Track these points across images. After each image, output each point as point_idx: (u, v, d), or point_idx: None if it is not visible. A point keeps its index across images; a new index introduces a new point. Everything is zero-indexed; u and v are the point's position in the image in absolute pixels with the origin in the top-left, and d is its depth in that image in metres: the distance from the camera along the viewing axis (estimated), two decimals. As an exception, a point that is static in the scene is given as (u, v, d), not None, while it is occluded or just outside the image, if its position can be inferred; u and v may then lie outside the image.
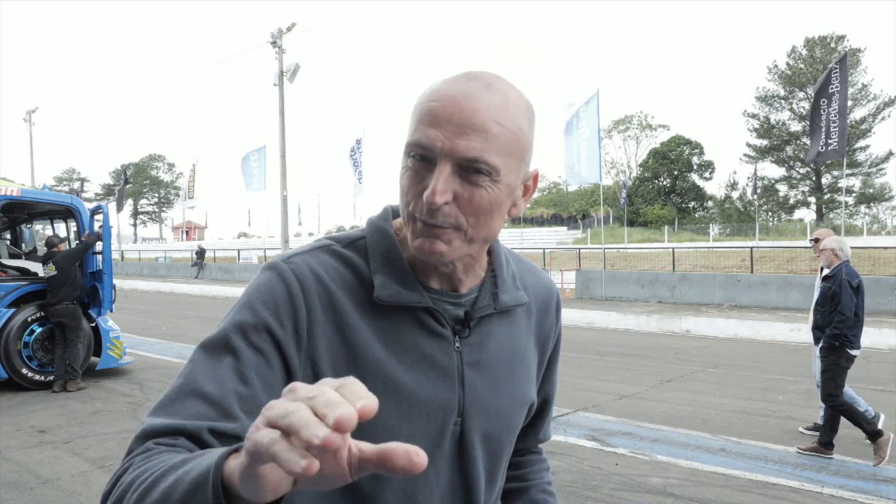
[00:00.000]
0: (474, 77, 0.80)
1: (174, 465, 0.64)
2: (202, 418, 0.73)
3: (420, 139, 0.77)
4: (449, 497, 0.92)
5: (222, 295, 23.16)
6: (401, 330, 0.86)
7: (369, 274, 0.87)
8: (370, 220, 0.93)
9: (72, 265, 7.58)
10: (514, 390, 0.95)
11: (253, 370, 0.77)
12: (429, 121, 0.77)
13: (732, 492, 4.29)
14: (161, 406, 0.76)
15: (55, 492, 4.31)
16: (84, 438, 5.53)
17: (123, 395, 7.23)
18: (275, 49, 22.57)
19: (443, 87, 0.79)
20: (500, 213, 0.82)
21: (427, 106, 0.78)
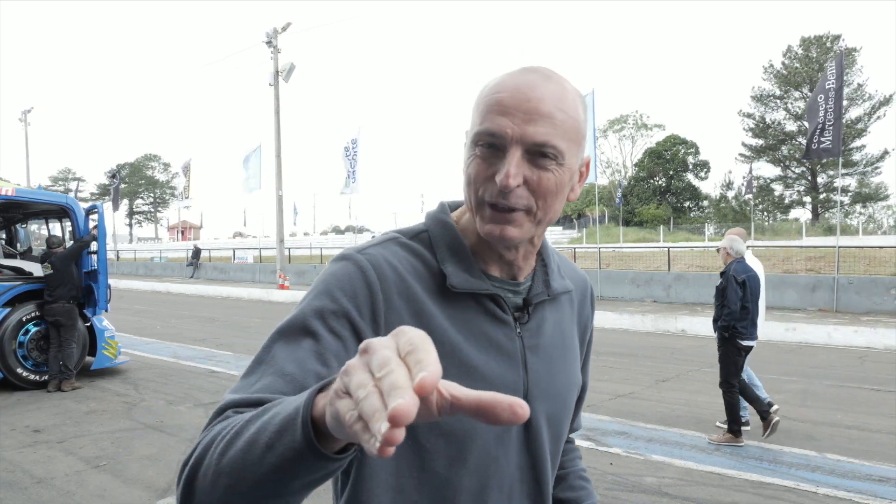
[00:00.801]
0: (533, 70, 0.85)
1: (256, 414, 0.64)
2: (282, 394, 0.74)
3: (490, 127, 0.81)
4: (518, 480, 0.94)
5: (218, 294, 23.11)
6: (468, 316, 0.90)
7: (436, 264, 0.91)
8: (430, 213, 0.98)
9: (68, 265, 7.56)
10: (568, 374, 1.01)
11: (332, 353, 0.79)
12: (497, 110, 0.82)
13: (727, 491, 4.31)
14: (241, 385, 0.77)
15: (49, 491, 4.29)
16: (79, 438, 5.52)
17: (118, 394, 7.21)
18: (270, 49, 22.51)
19: (506, 80, 0.84)
20: (563, 196, 0.87)
21: (494, 97, 0.83)
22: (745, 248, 5.50)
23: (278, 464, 0.59)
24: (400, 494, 0.87)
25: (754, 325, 5.37)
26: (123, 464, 4.85)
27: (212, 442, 0.66)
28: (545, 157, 0.82)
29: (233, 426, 0.66)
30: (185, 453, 0.71)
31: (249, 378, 0.78)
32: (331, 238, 60.13)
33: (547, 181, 0.83)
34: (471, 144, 0.85)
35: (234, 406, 0.73)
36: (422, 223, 0.97)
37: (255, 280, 29.31)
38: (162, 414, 6.35)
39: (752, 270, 5.39)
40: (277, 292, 21.70)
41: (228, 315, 16.33)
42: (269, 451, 0.59)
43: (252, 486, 0.62)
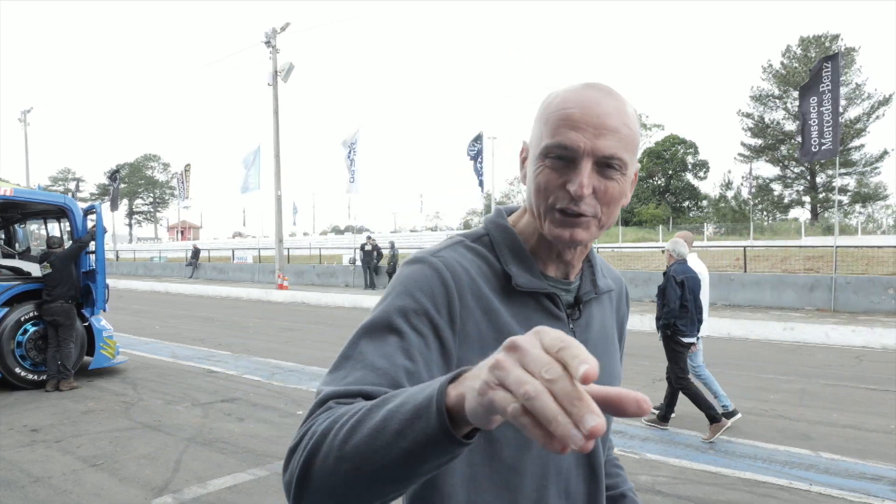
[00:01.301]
0: (594, 87, 0.92)
1: (376, 404, 0.67)
2: (375, 386, 0.78)
3: (563, 141, 0.88)
4: (574, 465, 1.01)
5: (217, 294, 23.12)
6: (528, 314, 0.97)
7: (499, 265, 0.98)
8: (489, 219, 1.06)
9: (67, 265, 7.58)
10: (613, 367, 1.08)
11: (416, 349, 0.84)
12: (569, 125, 0.88)
13: (721, 490, 4.33)
14: (333, 378, 0.81)
15: (46, 490, 4.31)
16: (76, 437, 5.53)
17: (116, 394, 7.23)
18: (269, 49, 22.52)
19: (572, 96, 0.91)
20: (621, 203, 0.95)
21: (564, 112, 0.89)
22: (686, 250, 5.82)
23: (410, 449, 0.62)
24: (473, 482, 0.92)
25: (693, 323, 5.65)
26: (121, 463, 4.87)
27: (329, 429, 0.69)
28: (611, 168, 0.89)
29: (350, 415, 0.68)
30: (293, 440, 0.72)
31: (339, 372, 0.82)
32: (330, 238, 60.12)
33: (612, 190, 0.90)
34: (540, 156, 0.91)
35: (334, 397, 0.76)
36: (481, 227, 1.05)
37: (255, 280, 29.32)
38: (160, 413, 6.37)
39: (692, 271, 5.70)
40: (276, 292, 21.71)
41: (227, 315, 16.35)
42: (400, 438, 0.63)
43: (377, 469, 0.65)
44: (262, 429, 5.81)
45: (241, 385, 7.71)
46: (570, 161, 0.88)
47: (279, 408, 6.58)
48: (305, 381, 7.96)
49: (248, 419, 6.15)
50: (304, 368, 8.80)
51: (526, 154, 1.00)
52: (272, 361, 9.33)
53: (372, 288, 23.29)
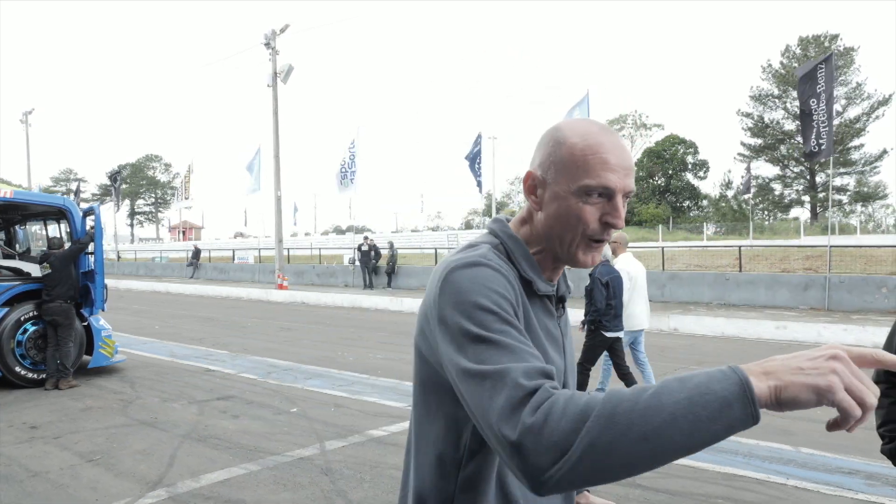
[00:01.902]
0: (608, 130, 1.08)
1: (660, 391, 0.80)
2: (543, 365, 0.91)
3: (605, 183, 1.04)
4: None
5: (217, 294, 23.25)
6: (537, 313, 1.12)
7: (517, 271, 1.10)
8: (500, 230, 1.16)
9: (66, 265, 7.71)
10: (573, 354, 1.28)
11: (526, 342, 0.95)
12: (607, 168, 1.04)
13: (700, 483, 4.44)
14: (514, 359, 0.90)
15: (44, 484, 4.44)
16: (74, 434, 5.66)
17: (114, 392, 7.36)
18: (268, 50, 22.65)
19: (600, 139, 1.06)
20: None
21: (601, 157, 1.04)
22: (611, 252, 6.42)
23: (718, 430, 0.77)
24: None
25: (617, 318, 6.18)
26: (117, 458, 5.00)
27: (614, 411, 0.79)
28: (627, 198, 1.08)
29: (635, 401, 0.79)
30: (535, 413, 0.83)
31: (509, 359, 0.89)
32: (331, 238, 60.23)
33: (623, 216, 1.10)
34: (579, 193, 1.05)
35: (544, 376, 0.88)
36: (491, 236, 1.16)
37: (255, 280, 29.45)
38: (156, 411, 6.50)
39: (615, 272, 6.22)
40: (276, 292, 21.84)
41: (227, 315, 16.48)
42: (711, 423, 0.77)
43: (674, 444, 0.77)
44: (256, 425, 5.94)
45: (238, 383, 7.84)
46: (608, 198, 1.05)
47: (273, 405, 6.70)
48: (301, 379, 8.09)
49: (243, 416, 6.28)
50: (299, 367, 8.92)
51: (534, 182, 1.11)
52: (269, 360, 9.46)
53: (370, 288, 23.40)
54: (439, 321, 0.99)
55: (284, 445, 5.29)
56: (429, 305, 1.03)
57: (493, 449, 0.91)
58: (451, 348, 0.95)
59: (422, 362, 1.08)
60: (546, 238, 1.12)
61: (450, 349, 0.96)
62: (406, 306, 17.43)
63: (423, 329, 1.05)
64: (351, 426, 5.88)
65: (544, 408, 0.82)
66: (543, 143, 1.12)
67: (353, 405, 6.72)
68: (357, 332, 12.96)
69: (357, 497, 4.18)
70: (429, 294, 1.05)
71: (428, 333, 1.03)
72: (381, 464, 4.83)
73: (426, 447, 1.09)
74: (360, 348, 10.78)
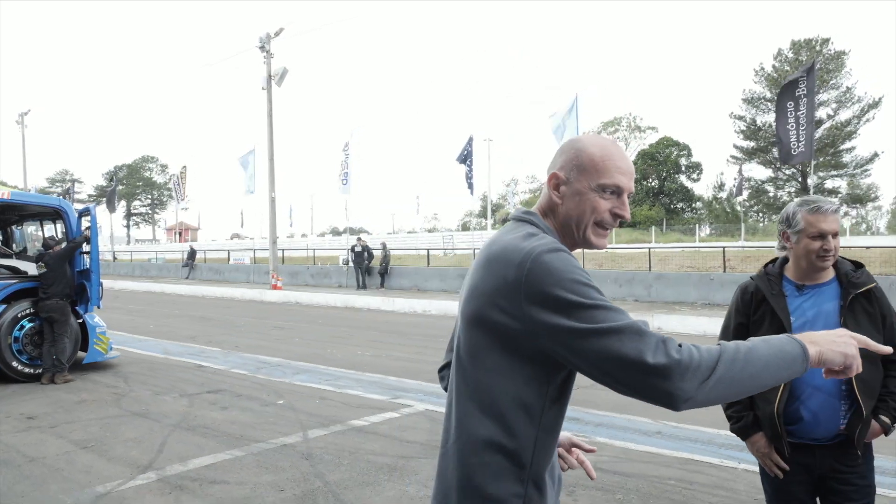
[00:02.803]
0: (616, 143, 1.46)
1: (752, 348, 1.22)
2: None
3: (618, 183, 1.38)
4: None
5: (212, 295, 23.50)
6: None
7: None
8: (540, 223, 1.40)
9: (62, 264, 7.99)
10: None
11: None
12: (620, 171, 1.39)
13: (656, 467, 4.74)
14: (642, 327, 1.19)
15: (40, 468, 4.72)
16: (69, 424, 5.94)
17: (108, 386, 7.63)
18: (263, 53, 22.94)
19: (613, 151, 1.41)
20: None
21: (615, 163, 1.39)
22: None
23: (785, 376, 1.24)
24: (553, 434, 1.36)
25: None
26: (109, 445, 5.28)
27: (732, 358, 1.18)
28: (630, 197, 1.43)
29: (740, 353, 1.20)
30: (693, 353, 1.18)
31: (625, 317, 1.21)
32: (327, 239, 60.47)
33: None
34: (597, 189, 1.38)
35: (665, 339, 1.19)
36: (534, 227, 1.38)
37: (250, 281, 29.69)
38: (148, 403, 6.77)
39: None
40: (270, 292, 22.11)
41: (221, 314, 16.74)
42: (783, 371, 1.23)
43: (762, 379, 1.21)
44: (244, 416, 6.22)
45: (228, 378, 8.12)
46: (618, 195, 1.39)
47: (261, 398, 6.99)
48: (289, 374, 8.37)
49: (231, 408, 6.56)
50: (289, 363, 9.20)
51: (558, 181, 1.41)
52: (260, 357, 9.74)
53: (363, 288, 23.67)
54: (541, 297, 1.21)
55: (269, 434, 5.57)
56: (512, 282, 1.24)
57: (631, 384, 1.18)
58: (561, 318, 1.18)
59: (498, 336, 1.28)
60: (564, 226, 1.39)
61: (559, 319, 1.18)
62: (398, 306, 17.71)
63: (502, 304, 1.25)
64: (334, 416, 6.17)
65: (684, 350, 1.16)
66: (565, 150, 1.43)
67: (338, 398, 7.01)
68: (348, 330, 13.24)
69: (334, 478, 4.47)
70: (504, 271, 1.26)
71: (512, 309, 1.24)
72: (359, 450, 5.12)
73: (504, 403, 1.28)
74: (349, 346, 11.06)
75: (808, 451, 2.30)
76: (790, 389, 2.27)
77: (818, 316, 2.28)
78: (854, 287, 2.28)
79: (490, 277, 1.28)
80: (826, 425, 2.25)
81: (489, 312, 1.27)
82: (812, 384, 2.24)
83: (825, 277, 2.34)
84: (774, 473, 2.36)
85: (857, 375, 2.11)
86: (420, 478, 4.47)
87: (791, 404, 2.28)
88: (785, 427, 2.29)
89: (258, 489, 4.27)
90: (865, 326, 2.24)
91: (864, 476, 2.30)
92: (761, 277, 2.45)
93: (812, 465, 2.31)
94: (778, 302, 2.34)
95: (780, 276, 2.41)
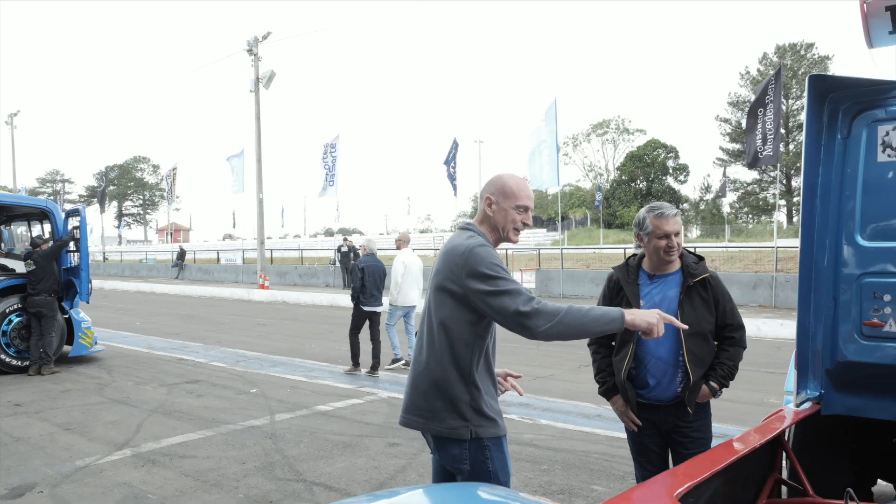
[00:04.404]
0: (523, 178, 2.32)
1: (586, 310, 2.03)
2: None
3: (527, 205, 2.24)
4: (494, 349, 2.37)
5: (200, 294, 23.88)
6: None
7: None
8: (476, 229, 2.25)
9: (49, 262, 8.43)
10: None
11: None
12: (528, 198, 2.24)
13: (586, 444, 5.23)
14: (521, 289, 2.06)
15: (25, 446, 5.17)
16: (53, 409, 6.39)
17: (92, 377, 8.07)
18: (251, 57, 23.37)
19: (523, 184, 2.27)
20: None
21: (525, 193, 2.24)
22: (376, 247, 8.86)
23: (606, 330, 2.07)
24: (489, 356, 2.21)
25: (373, 297, 8.34)
26: (90, 427, 5.73)
27: (569, 311, 1.99)
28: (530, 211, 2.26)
29: (575, 310, 2.01)
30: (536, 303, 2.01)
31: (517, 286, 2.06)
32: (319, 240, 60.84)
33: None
34: (517, 208, 2.21)
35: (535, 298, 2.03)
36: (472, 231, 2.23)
37: (238, 280, 30.08)
38: (129, 392, 7.22)
39: (375, 261, 8.45)
40: (258, 292, 22.52)
41: (207, 313, 17.16)
42: (605, 326, 2.03)
43: (587, 331, 2.06)
44: (218, 402, 6.68)
45: (207, 370, 8.57)
46: (526, 211, 2.23)
47: (236, 387, 7.44)
48: (266, 366, 8.83)
49: (207, 395, 7.01)
50: (267, 357, 9.66)
51: (490, 201, 2.23)
52: (240, 351, 10.19)
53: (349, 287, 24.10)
54: (474, 273, 2.05)
55: (239, 417, 6.04)
56: (458, 265, 2.08)
57: (510, 323, 1.99)
58: (484, 284, 2.03)
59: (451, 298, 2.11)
60: (493, 229, 2.24)
61: (483, 284, 2.03)
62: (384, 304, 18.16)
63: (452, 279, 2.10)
64: (301, 403, 6.63)
65: (542, 303, 2.00)
66: (494, 183, 2.26)
67: (308, 387, 7.48)
68: (329, 327, 13.67)
69: (293, 453, 4.93)
70: (454, 260, 2.10)
71: (457, 282, 2.08)
72: (319, 430, 5.59)
73: (455, 346, 2.12)
74: (328, 341, 11.52)
75: (656, 410, 2.80)
76: (638, 360, 2.77)
77: (663, 300, 2.78)
78: (692, 277, 2.78)
79: (446, 263, 2.15)
80: (667, 389, 2.76)
81: (446, 283, 2.13)
82: (655, 355, 2.74)
83: (672, 268, 2.83)
84: (630, 428, 2.86)
85: (687, 347, 2.64)
86: (370, 453, 4.95)
87: (640, 372, 2.78)
88: (636, 390, 2.79)
89: (222, 462, 4.74)
90: (699, 308, 2.74)
91: (700, 430, 2.81)
92: (622, 269, 2.94)
93: (659, 422, 2.81)
94: (631, 289, 2.83)
95: (637, 267, 2.90)
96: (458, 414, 2.10)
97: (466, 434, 2.09)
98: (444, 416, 2.11)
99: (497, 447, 2.15)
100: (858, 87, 2.89)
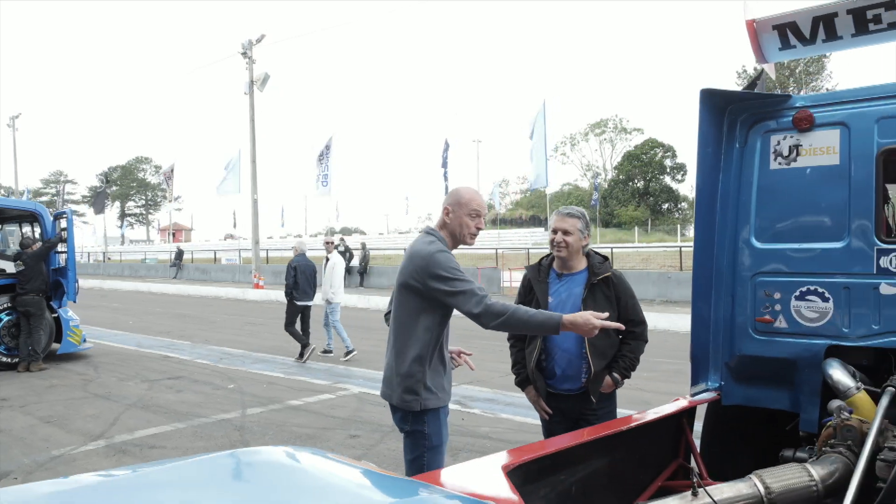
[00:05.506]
0: (476, 189, 2.86)
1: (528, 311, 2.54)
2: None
3: (479, 210, 2.71)
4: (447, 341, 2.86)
5: (197, 294, 24.18)
6: None
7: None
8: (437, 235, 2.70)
9: (38, 262, 8.72)
10: None
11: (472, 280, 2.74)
12: (480, 206, 2.72)
13: (539, 436, 5.47)
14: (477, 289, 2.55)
15: (6, 437, 5.46)
16: (37, 404, 6.68)
17: (78, 373, 8.36)
18: (245, 59, 23.65)
19: (475, 194, 2.76)
20: None
21: (477, 202, 2.72)
22: (306, 247, 10.03)
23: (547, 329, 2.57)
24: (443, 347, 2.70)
25: (305, 293, 9.33)
26: (70, 420, 6.01)
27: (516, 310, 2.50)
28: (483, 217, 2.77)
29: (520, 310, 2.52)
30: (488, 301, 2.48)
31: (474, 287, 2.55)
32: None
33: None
34: (471, 215, 2.68)
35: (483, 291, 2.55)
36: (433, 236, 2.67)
37: (235, 280, 30.37)
38: (112, 387, 7.50)
39: (305, 260, 9.51)
40: (253, 291, 22.80)
41: (201, 312, 17.43)
42: (543, 328, 2.55)
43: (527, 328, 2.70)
44: (195, 397, 6.96)
45: (190, 367, 8.85)
46: (479, 216, 2.69)
47: (215, 383, 7.72)
48: (248, 364, 9.10)
49: (186, 391, 7.29)
50: (250, 354, 9.94)
51: (448, 210, 2.67)
52: (225, 349, 10.47)
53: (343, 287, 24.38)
54: (434, 275, 2.49)
55: (212, 411, 6.31)
56: (420, 267, 2.52)
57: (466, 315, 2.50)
58: (443, 285, 2.49)
59: (413, 294, 2.57)
60: (452, 234, 2.68)
61: (442, 285, 2.49)
62: (373, 304, 18.39)
63: (415, 278, 2.54)
64: (275, 397, 6.90)
65: (492, 303, 2.48)
66: (452, 194, 2.71)
67: (285, 383, 7.75)
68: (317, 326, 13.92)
69: (257, 444, 5.20)
70: (417, 262, 2.54)
71: (420, 281, 2.52)
72: (287, 423, 5.86)
73: (415, 332, 2.58)
74: (314, 340, 11.75)
75: (564, 399, 3.06)
76: (547, 352, 3.03)
77: (569, 297, 3.04)
78: (595, 275, 3.04)
79: (410, 264, 2.59)
80: (573, 379, 3.01)
81: (409, 282, 2.58)
82: (561, 347, 3.00)
83: (579, 268, 3.09)
84: (542, 416, 3.11)
85: (589, 341, 2.91)
86: (330, 444, 5.22)
87: (549, 363, 3.03)
88: (545, 381, 3.04)
89: (188, 452, 5.00)
90: (602, 304, 2.99)
91: (604, 417, 3.06)
92: (534, 268, 3.20)
93: (567, 410, 3.07)
94: (541, 287, 3.09)
95: (549, 267, 3.16)
96: (412, 390, 2.59)
97: (417, 406, 2.59)
98: (400, 390, 2.61)
99: (434, 416, 2.64)
100: (747, 100, 3.15)
